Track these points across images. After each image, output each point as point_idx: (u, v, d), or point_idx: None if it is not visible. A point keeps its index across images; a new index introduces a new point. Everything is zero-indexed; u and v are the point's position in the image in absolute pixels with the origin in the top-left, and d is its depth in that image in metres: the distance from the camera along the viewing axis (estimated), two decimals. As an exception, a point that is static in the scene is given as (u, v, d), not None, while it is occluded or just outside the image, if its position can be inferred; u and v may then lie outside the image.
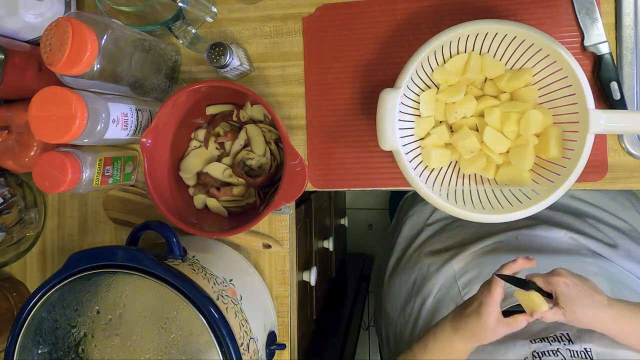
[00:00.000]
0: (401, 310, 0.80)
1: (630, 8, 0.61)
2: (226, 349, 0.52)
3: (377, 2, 0.67)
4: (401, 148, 0.58)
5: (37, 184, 0.60)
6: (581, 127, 0.55)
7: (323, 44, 0.69)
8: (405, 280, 0.82)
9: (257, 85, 0.71)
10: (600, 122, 0.53)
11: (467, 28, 0.56)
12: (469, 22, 0.56)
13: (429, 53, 0.57)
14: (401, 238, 0.90)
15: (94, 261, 0.55)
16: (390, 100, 0.56)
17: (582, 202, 0.81)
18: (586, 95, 0.54)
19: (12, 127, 0.66)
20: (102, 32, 0.55)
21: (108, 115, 0.60)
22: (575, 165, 0.55)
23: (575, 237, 0.75)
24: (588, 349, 0.57)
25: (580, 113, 0.55)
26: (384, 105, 0.56)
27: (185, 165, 0.71)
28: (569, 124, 0.57)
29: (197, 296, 0.52)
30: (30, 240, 0.77)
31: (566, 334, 0.60)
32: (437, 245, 0.81)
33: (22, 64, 0.64)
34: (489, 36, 0.58)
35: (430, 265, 0.78)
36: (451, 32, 0.56)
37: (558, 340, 0.60)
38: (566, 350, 0.58)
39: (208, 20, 0.66)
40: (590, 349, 0.57)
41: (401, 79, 0.57)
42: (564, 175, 0.56)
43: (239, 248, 0.72)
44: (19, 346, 0.54)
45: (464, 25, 0.56)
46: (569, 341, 0.60)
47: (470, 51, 0.60)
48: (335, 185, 0.69)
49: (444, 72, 0.61)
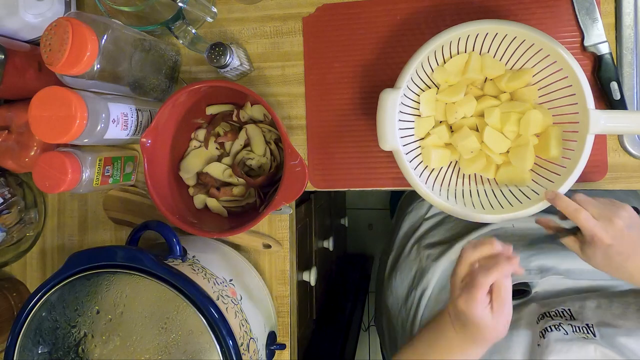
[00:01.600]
0: (402, 303, 0.81)
1: (630, 8, 0.61)
2: (226, 349, 0.52)
3: (377, 2, 0.67)
4: (401, 148, 0.58)
5: (37, 184, 0.60)
6: (581, 127, 0.55)
7: (323, 44, 0.69)
8: (405, 275, 0.82)
9: (257, 85, 0.71)
10: (600, 122, 0.53)
11: (467, 28, 0.56)
12: (468, 22, 0.56)
13: (429, 53, 0.57)
14: (400, 234, 0.90)
15: (94, 261, 0.55)
16: (390, 101, 0.56)
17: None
18: (586, 95, 0.54)
19: (12, 127, 0.66)
20: (102, 32, 0.55)
21: (108, 115, 0.60)
22: (576, 165, 0.55)
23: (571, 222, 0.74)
24: (590, 325, 0.56)
25: (580, 113, 0.55)
26: (384, 106, 0.56)
27: (185, 165, 0.71)
28: (569, 124, 0.57)
29: (197, 296, 0.52)
30: (30, 240, 0.77)
31: (568, 310, 0.59)
32: (435, 238, 0.81)
33: (22, 64, 0.64)
34: (489, 36, 0.58)
35: (429, 256, 0.78)
36: (451, 33, 0.56)
37: (560, 316, 0.59)
38: (568, 326, 0.57)
39: (208, 20, 0.66)
40: (592, 325, 0.56)
41: (401, 79, 0.57)
42: (564, 175, 0.56)
43: (239, 248, 0.72)
44: (19, 346, 0.54)
45: (464, 26, 0.56)
46: (571, 317, 0.59)
47: (471, 51, 0.60)
48: (335, 185, 0.69)
49: (444, 72, 0.61)
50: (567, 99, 0.57)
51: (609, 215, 0.50)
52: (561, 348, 0.54)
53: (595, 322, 0.56)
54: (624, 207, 0.51)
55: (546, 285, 0.66)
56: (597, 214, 0.50)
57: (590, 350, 0.53)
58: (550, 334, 0.56)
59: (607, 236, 0.49)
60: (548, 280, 0.65)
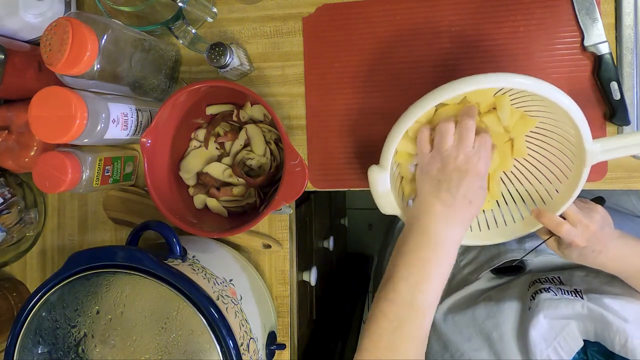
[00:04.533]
0: None
1: (630, 8, 0.61)
2: (226, 349, 0.52)
3: (377, 2, 0.67)
4: (402, 210, 0.59)
5: (37, 184, 0.60)
6: (577, 161, 0.54)
7: (323, 44, 0.69)
8: None
9: (257, 85, 0.71)
10: (596, 156, 0.52)
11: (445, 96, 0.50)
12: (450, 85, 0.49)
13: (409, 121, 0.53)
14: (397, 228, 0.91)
15: (94, 261, 0.55)
16: (381, 180, 0.56)
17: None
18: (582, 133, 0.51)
19: (12, 127, 0.66)
20: (102, 32, 0.55)
21: (108, 115, 0.60)
22: (571, 194, 0.55)
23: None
24: (578, 289, 0.61)
25: (576, 147, 0.53)
26: (376, 187, 0.57)
27: (185, 165, 0.71)
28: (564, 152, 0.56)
29: (197, 296, 0.52)
30: (30, 240, 0.77)
31: (557, 277, 0.65)
32: None
33: (22, 64, 0.64)
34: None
35: None
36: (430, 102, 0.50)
37: (550, 282, 0.64)
38: (557, 289, 0.62)
39: (208, 20, 0.66)
40: (581, 290, 0.61)
41: (385, 157, 0.55)
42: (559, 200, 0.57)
43: (239, 248, 0.72)
44: (19, 346, 0.54)
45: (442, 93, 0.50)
46: (560, 282, 0.64)
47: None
48: (335, 185, 0.69)
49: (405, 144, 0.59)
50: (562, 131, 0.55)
51: (585, 222, 0.55)
52: (550, 305, 0.60)
53: (584, 289, 0.61)
54: (597, 209, 0.57)
55: (539, 263, 0.71)
56: (575, 221, 0.55)
57: (578, 306, 0.58)
58: (540, 295, 0.61)
59: (583, 240, 0.55)
60: (542, 259, 0.70)
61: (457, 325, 0.69)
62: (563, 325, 0.58)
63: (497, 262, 0.70)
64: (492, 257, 0.72)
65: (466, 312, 0.69)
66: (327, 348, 1.02)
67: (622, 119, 0.61)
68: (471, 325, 0.67)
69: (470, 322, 0.68)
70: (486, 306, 0.67)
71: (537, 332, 0.59)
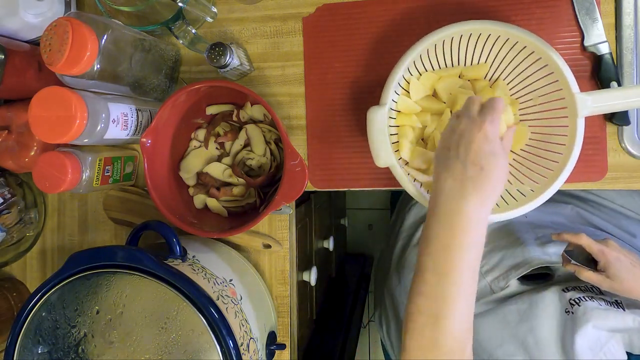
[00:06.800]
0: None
1: (630, 8, 0.61)
2: (226, 349, 0.52)
3: (377, 2, 0.67)
4: (396, 162, 0.58)
5: (37, 184, 0.60)
6: (570, 113, 0.55)
7: (323, 44, 0.69)
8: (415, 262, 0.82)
9: (257, 85, 0.71)
10: (587, 104, 0.53)
11: (441, 34, 0.56)
12: (442, 28, 0.56)
13: (409, 64, 0.58)
14: (406, 225, 0.90)
15: (94, 261, 0.55)
16: (379, 118, 0.56)
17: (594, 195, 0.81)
18: (569, 80, 0.54)
19: (12, 127, 0.66)
20: (102, 32, 0.55)
21: (108, 115, 0.60)
22: (572, 150, 0.55)
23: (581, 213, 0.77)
24: (619, 301, 0.60)
25: (567, 99, 0.55)
26: (373, 125, 0.57)
27: (185, 165, 0.71)
28: (559, 109, 0.57)
29: (197, 296, 0.52)
30: (30, 240, 0.77)
31: (595, 287, 0.64)
32: None
33: (22, 64, 0.64)
34: (468, 37, 0.58)
35: None
36: (425, 43, 0.56)
37: (589, 290, 0.63)
38: (600, 300, 0.61)
39: (208, 20, 0.66)
40: (621, 301, 0.60)
41: (385, 94, 0.57)
42: (562, 161, 0.56)
43: (239, 248, 0.72)
44: (19, 346, 0.54)
45: (439, 32, 0.56)
46: (600, 292, 0.63)
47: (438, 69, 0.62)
48: (335, 185, 0.69)
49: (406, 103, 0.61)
50: (552, 86, 0.56)
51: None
52: (599, 315, 0.58)
53: (624, 299, 0.60)
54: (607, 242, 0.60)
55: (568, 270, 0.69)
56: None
57: (629, 320, 0.58)
58: (586, 303, 0.60)
59: (609, 286, 0.57)
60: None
61: (487, 329, 0.67)
62: (609, 337, 0.57)
63: (523, 269, 0.66)
64: (518, 264, 0.68)
65: (495, 315, 0.67)
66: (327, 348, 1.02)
67: (622, 119, 0.61)
68: (503, 329, 0.65)
69: (501, 326, 0.66)
70: (518, 310, 0.65)
71: (584, 341, 0.57)
